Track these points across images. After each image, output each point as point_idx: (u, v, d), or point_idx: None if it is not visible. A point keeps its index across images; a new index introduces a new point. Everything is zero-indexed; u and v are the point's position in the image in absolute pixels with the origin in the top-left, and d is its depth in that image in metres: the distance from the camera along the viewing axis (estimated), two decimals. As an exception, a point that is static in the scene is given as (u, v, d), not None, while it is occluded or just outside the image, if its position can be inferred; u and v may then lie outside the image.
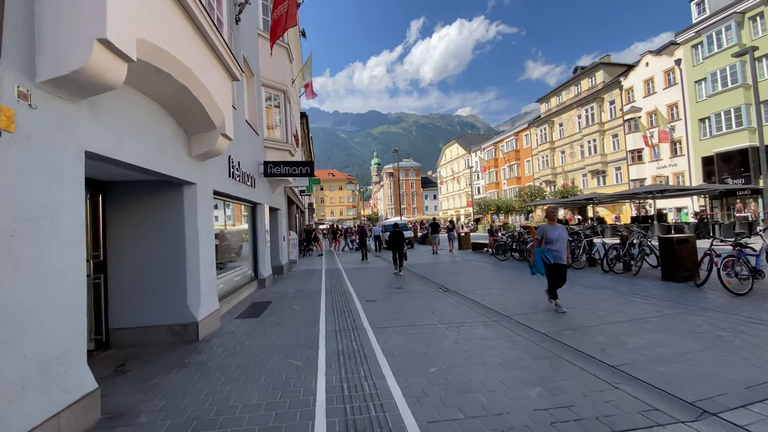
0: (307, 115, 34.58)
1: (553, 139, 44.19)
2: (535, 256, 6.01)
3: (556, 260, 5.90)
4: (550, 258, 5.90)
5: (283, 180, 10.55)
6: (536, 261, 5.98)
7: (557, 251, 5.90)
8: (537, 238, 6.12)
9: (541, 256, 5.96)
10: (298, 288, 9.22)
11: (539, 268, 6.04)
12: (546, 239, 5.97)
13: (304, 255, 19.39)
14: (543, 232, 6.04)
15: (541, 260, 5.95)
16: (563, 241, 5.95)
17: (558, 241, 5.90)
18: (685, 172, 29.12)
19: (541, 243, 6.02)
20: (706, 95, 26.90)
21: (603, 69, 37.77)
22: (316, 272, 12.50)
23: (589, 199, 20.77)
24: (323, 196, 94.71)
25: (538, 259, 5.97)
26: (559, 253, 5.91)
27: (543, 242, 5.98)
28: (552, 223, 6.15)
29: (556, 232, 5.97)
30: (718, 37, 25.41)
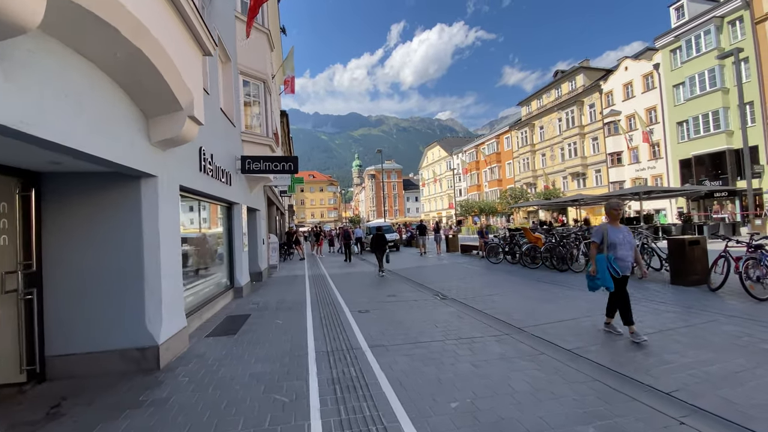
0: (287, 113, 33.46)
1: (534, 142, 44.65)
2: (599, 265, 4.61)
3: (622, 271, 4.59)
4: (617, 268, 4.53)
5: (263, 178, 9.62)
6: (601, 271, 4.58)
7: (623, 259, 4.59)
8: (595, 241, 4.80)
9: (607, 265, 4.56)
10: (281, 297, 8.30)
11: (605, 281, 4.56)
12: (608, 243, 4.66)
13: (285, 259, 18.34)
14: (603, 233, 4.74)
15: (607, 270, 4.54)
16: (630, 246, 4.67)
17: (623, 245, 4.61)
18: (663, 174, 29.74)
19: (601, 248, 4.72)
20: (684, 99, 27.52)
21: (583, 73, 38.40)
22: (298, 278, 11.57)
23: (575, 201, 20.64)
24: (304, 198, 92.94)
25: (604, 268, 4.56)
26: (625, 262, 4.60)
27: (605, 247, 4.67)
28: (614, 223, 4.78)
29: (619, 235, 4.64)
30: (696, 42, 26.02)
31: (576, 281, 8.45)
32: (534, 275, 9.77)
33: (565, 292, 7.45)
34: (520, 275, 9.91)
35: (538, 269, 10.65)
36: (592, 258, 4.77)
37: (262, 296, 8.52)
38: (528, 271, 10.46)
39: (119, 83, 3.74)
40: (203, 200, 6.83)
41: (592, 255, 4.79)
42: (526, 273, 10.21)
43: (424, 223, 19.76)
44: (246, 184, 9.39)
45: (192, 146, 5.65)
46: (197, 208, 6.77)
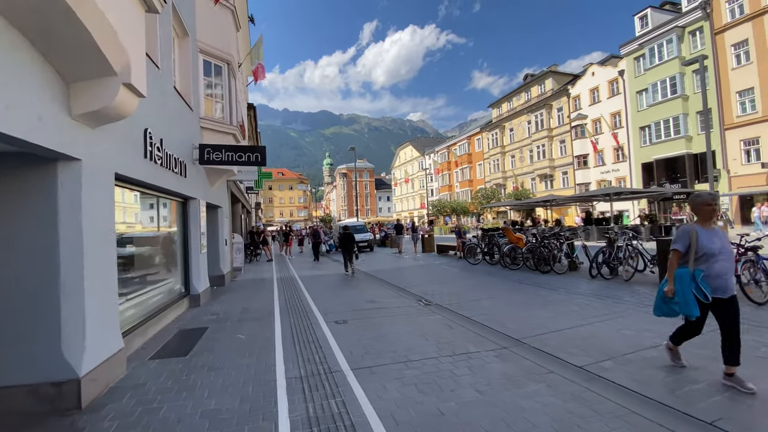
0: (255, 106, 31.85)
1: (504, 144, 45.40)
2: (682, 284, 3.27)
3: (718, 292, 3.20)
4: (707, 289, 3.18)
5: (226, 171, 8.58)
6: (683, 293, 3.25)
7: (720, 276, 3.21)
8: (678, 249, 3.36)
9: (692, 287, 3.22)
10: (245, 305, 7.35)
11: (688, 307, 3.23)
12: (697, 253, 3.26)
13: (251, 261, 17.12)
14: (689, 237, 3.33)
15: (692, 294, 3.21)
16: (730, 256, 3.37)
17: (722, 256, 3.23)
18: (626, 176, 30.93)
19: (686, 258, 3.34)
20: (647, 105, 28.70)
21: (552, 77, 39.37)
22: (266, 282, 10.58)
23: (547, 201, 20.82)
24: (272, 196, 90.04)
25: (687, 290, 3.22)
26: (722, 280, 3.21)
27: (691, 259, 3.29)
28: (706, 224, 3.38)
29: (716, 241, 3.27)
30: (659, 50, 27.15)
31: (561, 283, 8.11)
32: (516, 277, 9.39)
33: (553, 295, 7.05)
34: (502, 277, 9.50)
35: (519, 270, 10.31)
36: (670, 272, 3.40)
37: (223, 304, 7.52)
38: (509, 273, 10.08)
39: (20, 29, 2.77)
40: (151, 193, 5.79)
41: (671, 268, 3.40)
42: (507, 274, 9.82)
43: (401, 222, 19.29)
44: (206, 178, 8.32)
45: (134, 126, 4.66)
46: (144, 203, 5.73)
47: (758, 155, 22.51)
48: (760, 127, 22.25)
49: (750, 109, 22.80)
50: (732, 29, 23.28)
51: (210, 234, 9.30)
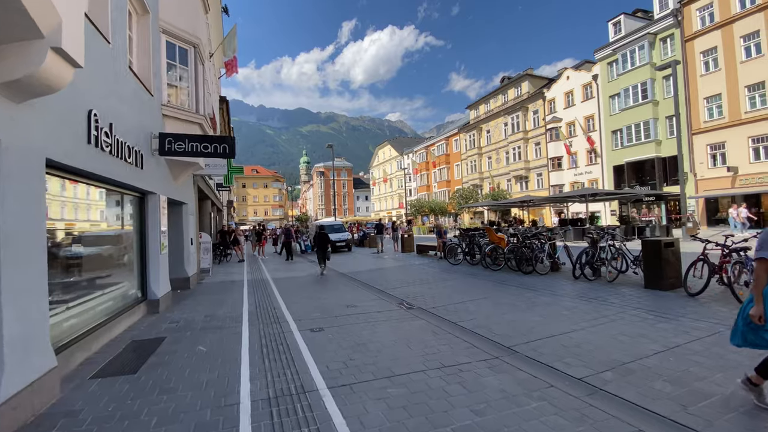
0: (228, 100, 30.56)
1: (481, 145, 45.89)
2: None
3: None
4: None
5: (191, 163, 7.85)
6: None
7: None
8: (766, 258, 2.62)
9: None
10: (210, 311, 6.69)
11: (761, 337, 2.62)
12: None
13: (221, 261, 16.21)
14: None
15: None
16: None
17: None
18: (599, 179, 31.81)
19: None
20: (619, 109, 29.57)
21: (528, 80, 40.08)
22: (236, 284, 9.87)
23: (524, 202, 21.00)
24: (246, 194, 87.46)
25: None
26: None
27: None
28: None
29: None
30: (632, 56, 28.02)
31: (545, 285, 7.92)
32: (499, 277, 9.16)
33: (539, 297, 6.81)
34: (485, 278, 9.24)
35: (501, 271, 10.10)
36: (758, 290, 2.63)
37: (185, 310, 6.83)
38: (491, 273, 9.85)
39: None
40: (99, 186, 5.07)
41: (760, 284, 2.63)
42: (490, 275, 9.58)
43: (381, 222, 19.28)
44: (168, 171, 7.57)
45: (75, 106, 3.98)
46: (93, 197, 5.00)
47: (724, 159, 23.54)
48: (726, 132, 23.25)
49: (717, 114, 23.81)
50: (701, 37, 24.21)
51: (173, 233, 8.53)
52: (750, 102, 21.94)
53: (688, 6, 24.62)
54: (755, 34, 21.41)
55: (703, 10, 23.96)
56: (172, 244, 8.53)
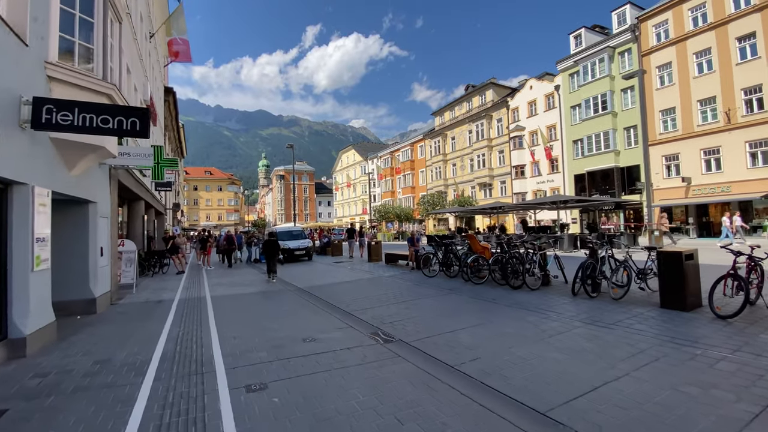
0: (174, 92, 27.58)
1: (446, 152, 45.66)
2: None
3: None
4: None
5: (93, 146, 5.81)
6: None
7: None
8: None
9: None
10: (106, 354, 4.70)
11: None
12: None
13: (154, 274, 13.70)
14: None
15: None
16: None
17: None
18: (560, 187, 32.26)
19: None
20: (580, 119, 30.19)
21: (492, 89, 40.39)
22: (161, 306, 7.77)
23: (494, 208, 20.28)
24: (198, 197, 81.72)
25: None
26: None
27: None
28: None
29: None
30: (592, 68, 28.68)
31: (542, 303, 6.71)
32: (485, 293, 7.86)
33: (546, 322, 5.53)
34: (471, 294, 7.90)
35: (485, 285, 8.84)
36: None
37: (71, 351, 4.79)
38: (476, 288, 8.54)
39: None
40: None
41: None
42: (475, 291, 8.27)
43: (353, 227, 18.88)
44: (56, 155, 5.48)
45: None
46: None
47: (678, 170, 24.42)
48: (680, 144, 24.14)
49: (671, 127, 24.71)
50: (657, 52, 25.13)
51: (68, 241, 6.38)
52: (702, 116, 22.91)
53: (645, 22, 25.56)
54: (707, 51, 22.43)
55: (659, 26, 24.94)
56: (67, 256, 6.39)
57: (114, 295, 8.34)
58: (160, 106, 22.54)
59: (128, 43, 10.09)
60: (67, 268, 6.56)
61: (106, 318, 6.62)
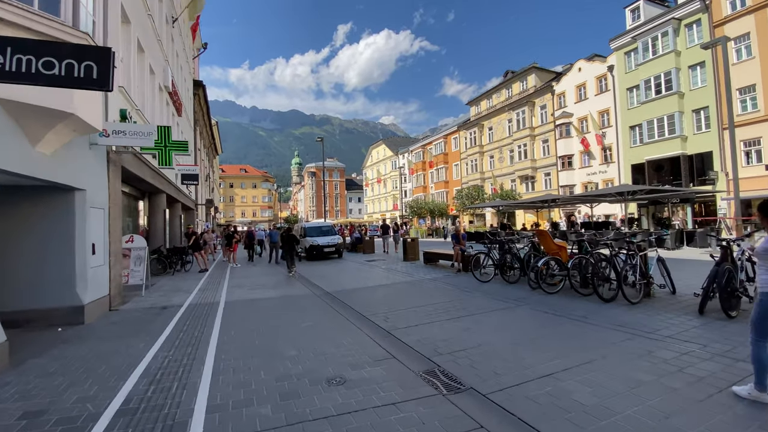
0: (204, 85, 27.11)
1: (483, 143, 42.98)
2: None
3: None
4: None
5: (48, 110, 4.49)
6: None
7: None
8: None
9: None
10: (45, 400, 3.30)
11: None
12: None
13: (174, 272, 12.76)
14: None
15: None
16: None
17: None
18: (615, 178, 29.00)
19: None
20: (638, 102, 26.86)
21: (535, 73, 37.31)
22: (165, 314, 6.50)
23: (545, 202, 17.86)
24: (233, 194, 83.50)
25: None
26: None
27: None
28: None
29: None
30: (653, 44, 25.31)
31: (659, 324, 4.73)
32: (569, 308, 5.94)
33: (697, 363, 3.58)
34: (547, 308, 6.00)
35: (559, 294, 6.91)
36: None
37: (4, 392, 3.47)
38: (549, 300, 6.62)
39: None
40: None
41: None
42: (549, 303, 6.36)
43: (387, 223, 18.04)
44: (6, 120, 4.22)
45: None
46: None
47: (759, 157, 20.86)
48: (761, 127, 20.58)
49: (751, 107, 21.13)
50: (732, 22, 21.60)
51: (49, 236, 5.20)
52: (789, 93, 19.27)
53: (717, -11, 21.99)
54: (797, 16, 18.76)
55: (735, -7, 21.35)
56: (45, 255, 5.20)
57: (117, 298, 7.19)
58: (187, 98, 21.98)
59: (135, 12, 8.96)
60: (45, 269, 5.39)
61: (91, 331, 5.38)
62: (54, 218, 5.47)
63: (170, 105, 14.57)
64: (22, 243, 5.32)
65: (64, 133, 4.80)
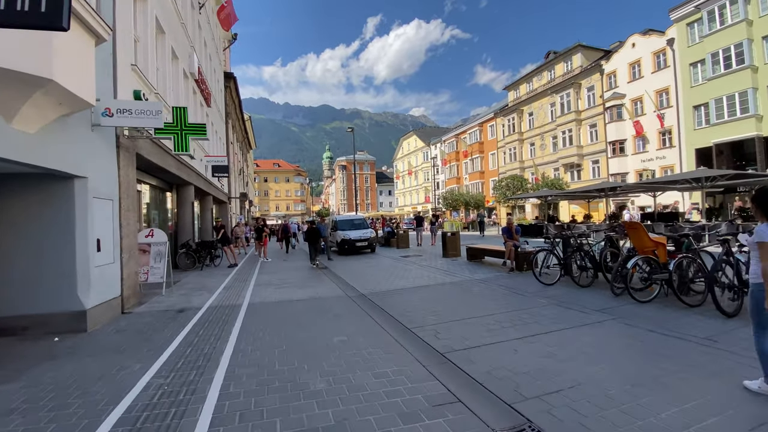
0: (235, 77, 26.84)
1: (522, 130, 40.40)
2: None
3: None
4: None
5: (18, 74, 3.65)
6: None
7: None
8: None
9: None
10: None
11: None
12: None
13: (203, 267, 12.23)
14: None
15: None
16: None
17: None
18: (675, 165, 25.98)
19: None
20: (704, 79, 23.75)
21: (581, 52, 34.26)
22: (180, 318, 5.69)
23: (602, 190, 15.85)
24: (268, 189, 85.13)
25: None
26: None
27: None
28: None
29: None
30: (721, 13, 22.15)
31: None
32: (678, 324, 4.49)
33: None
34: (650, 325, 4.57)
35: (653, 303, 5.42)
36: None
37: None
38: (643, 311, 5.16)
39: None
40: None
41: None
42: (646, 315, 4.92)
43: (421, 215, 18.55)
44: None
45: None
46: None
47: None
48: None
49: None
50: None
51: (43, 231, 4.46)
52: None
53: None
54: None
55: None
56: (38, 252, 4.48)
57: (131, 299, 6.51)
58: (218, 90, 21.66)
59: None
60: (41, 269, 4.68)
61: (89, 342, 4.61)
62: (50, 211, 4.75)
63: (198, 94, 14.02)
64: (15, 239, 4.62)
65: (48, 107, 3.97)
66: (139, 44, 7.86)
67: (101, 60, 5.65)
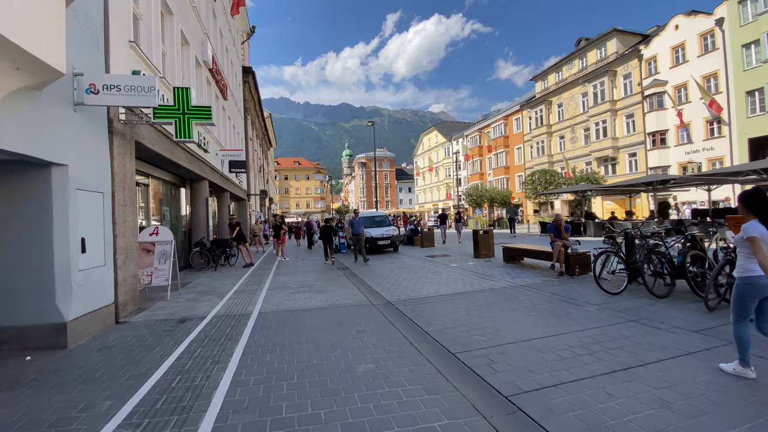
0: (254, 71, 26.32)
1: (551, 123, 38.35)
2: None
3: None
4: None
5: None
6: None
7: None
8: None
9: None
10: None
11: None
12: None
13: (218, 266, 11.55)
14: None
15: None
16: None
17: None
18: (725, 157, 23.69)
19: None
20: (758, 62, 21.47)
21: (616, 37, 31.96)
22: (178, 331, 4.86)
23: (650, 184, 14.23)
24: (288, 186, 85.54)
25: None
26: None
27: None
28: None
29: None
30: (784, -16, 19.82)
31: None
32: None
33: None
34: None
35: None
36: None
37: None
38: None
39: None
40: None
41: None
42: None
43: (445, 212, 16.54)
44: None
45: None
46: None
47: None
48: None
49: None
50: None
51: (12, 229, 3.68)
52: None
53: None
54: None
55: None
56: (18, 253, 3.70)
57: (129, 305, 5.75)
58: (236, 85, 21.12)
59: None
60: (16, 274, 3.90)
61: (66, 364, 3.80)
62: (22, 205, 3.98)
63: (213, 85, 13.36)
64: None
65: (1, 72, 3.15)
66: (141, 22, 7.12)
67: (88, 30, 4.86)
